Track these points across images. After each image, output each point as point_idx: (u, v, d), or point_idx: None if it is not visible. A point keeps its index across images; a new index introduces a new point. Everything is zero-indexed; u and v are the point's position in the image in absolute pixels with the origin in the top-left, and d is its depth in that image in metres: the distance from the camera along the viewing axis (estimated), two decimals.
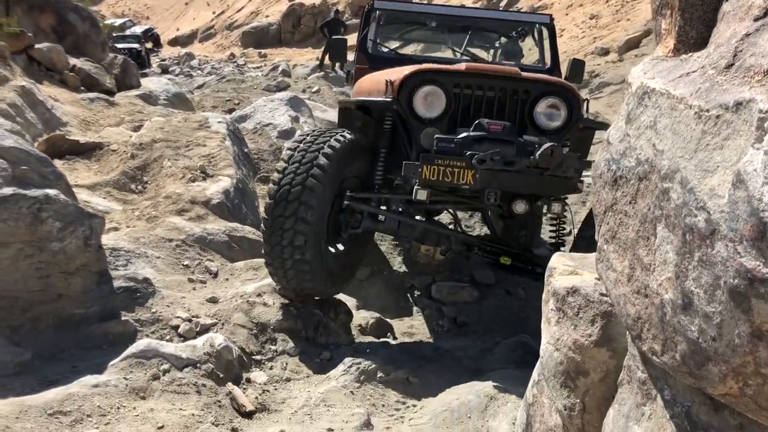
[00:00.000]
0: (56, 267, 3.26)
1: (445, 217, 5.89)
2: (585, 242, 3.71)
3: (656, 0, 1.31)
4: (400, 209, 3.98)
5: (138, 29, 32.45)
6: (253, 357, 3.47)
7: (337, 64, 16.57)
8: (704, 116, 0.96)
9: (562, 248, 4.04)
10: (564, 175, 3.45)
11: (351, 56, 8.12)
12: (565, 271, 1.62)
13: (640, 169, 1.12)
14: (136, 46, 24.30)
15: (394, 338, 4.32)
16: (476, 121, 3.60)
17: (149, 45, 30.37)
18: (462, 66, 3.87)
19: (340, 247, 3.98)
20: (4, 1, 10.74)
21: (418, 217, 4.12)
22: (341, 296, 4.32)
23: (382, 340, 4.16)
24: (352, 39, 11.37)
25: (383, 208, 3.90)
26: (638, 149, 1.13)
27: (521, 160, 3.42)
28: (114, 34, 24.09)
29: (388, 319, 4.48)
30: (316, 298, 3.95)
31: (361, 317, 4.34)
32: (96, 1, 41.90)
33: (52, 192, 3.29)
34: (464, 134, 3.55)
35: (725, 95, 0.93)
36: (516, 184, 3.49)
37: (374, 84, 4.12)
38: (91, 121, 8.23)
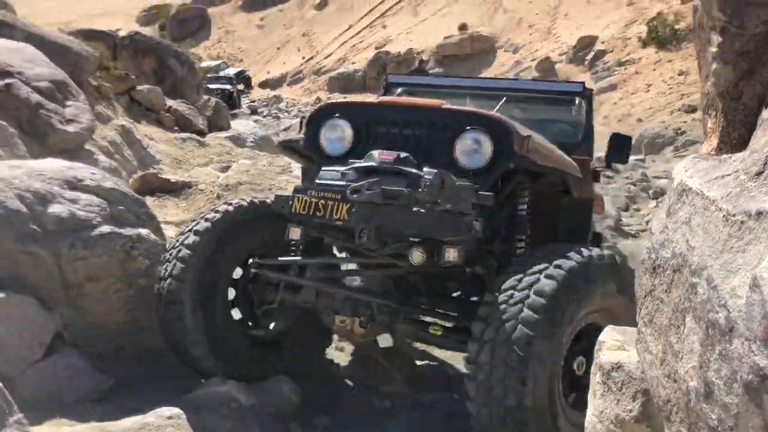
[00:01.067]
0: (142, 302, 3.52)
1: None
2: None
3: (704, 99, 1.39)
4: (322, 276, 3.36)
5: (231, 71, 34.11)
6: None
7: None
8: (731, 220, 1.04)
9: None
10: (458, 210, 2.87)
11: None
12: (613, 346, 1.68)
13: (675, 261, 1.20)
14: (228, 87, 25.59)
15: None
16: (367, 153, 3.14)
17: (241, 86, 31.83)
18: (375, 100, 3.63)
19: (259, 331, 3.59)
20: (113, 46, 11.64)
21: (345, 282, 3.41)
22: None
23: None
24: None
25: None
26: (674, 242, 1.21)
27: (405, 192, 2.87)
28: (208, 75, 25.45)
29: None
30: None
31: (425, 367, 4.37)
32: (195, 45, 44.42)
33: (144, 231, 3.58)
34: (354, 166, 3.10)
35: (750, 203, 1.01)
36: (397, 220, 2.88)
37: None
38: (182, 160, 8.74)
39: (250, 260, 3.53)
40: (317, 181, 3.12)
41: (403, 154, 3.04)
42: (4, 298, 2.93)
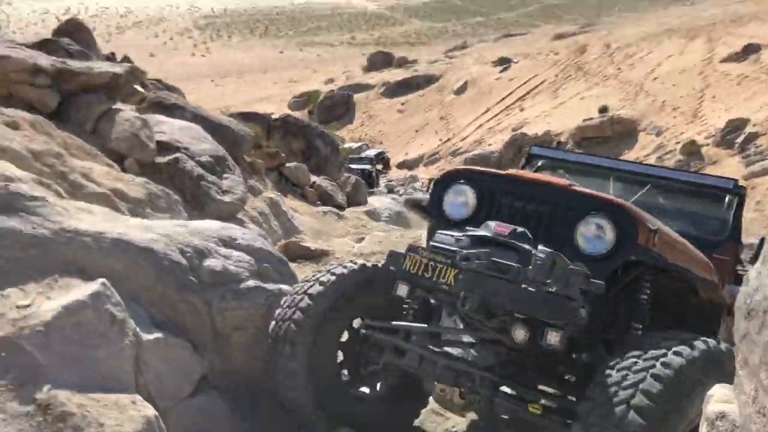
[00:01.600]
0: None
1: None
2: None
3: None
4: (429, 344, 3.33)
5: (371, 152, 35.78)
6: None
7: None
8: None
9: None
10: (565, 294, 2.77)
11: None
12: (720, 399, 1.69)
13: (766, 304, 1.25)
14: (368, 167, 26.89)
15: None
16: (485, 222, 3.14)
17: (379, 167, 33.23)
18: (500, 172, 3.56)
19: (365, 390, 3.64)
20: (267, 127, 12.74)
21: (450, 350, 3.32)
22: None
23: None
24: None
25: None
26: (766, 286, 1.27)
27: (515, 268, 2.85)
28: (350, 156, 26.89)
29: None
30: None
31: None
32: (339, 127, 47.11)
33: (285, 287, 3.91)
34: (468, 233, 3.09)
35: None
36: (502, 294, 2.84)
37: None
38: (322, 231, 9.30)
39: (361, 320, 3.61)
40: (431, 243, 3.21)
41: (519, 229, 3.04)
42: (164, 339, 3.31)
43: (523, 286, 2.84)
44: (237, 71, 78.88)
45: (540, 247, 2.97)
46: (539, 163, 4.90)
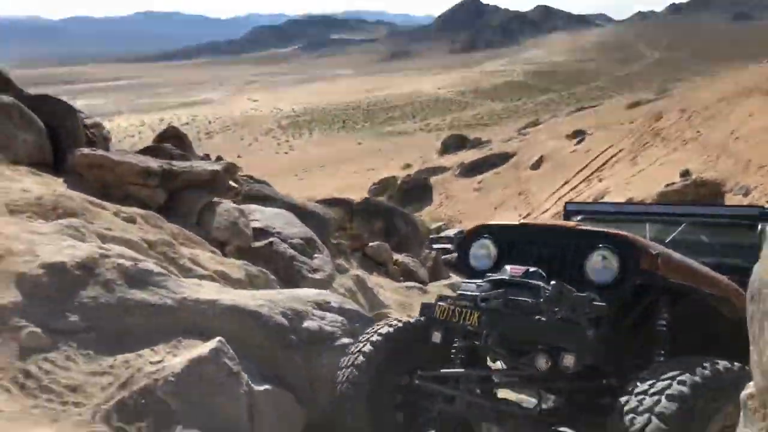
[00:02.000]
0: None
1: None
2: None
3: None
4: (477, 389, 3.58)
5: (451, 232, 36.15)
6: None
7: None
8: None
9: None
10: (572, 319, 3.12)
11: None
12: (751, 384, 1.92)
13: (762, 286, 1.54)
14: (448, 246, 27.21)
15: None
16: (503, 267, 3.50)
17: None
18: (516, 221, 3.94)
19: None
20: (350, 211, 13.45)
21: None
22: None
23: None
24: None
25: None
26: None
27: (528, 302, 3.23)
28: (431, 236, 27.38)
29: None
30: None
31: None
32: (419, 209, 47.95)
33: None
34: (488, 278, 3.47)
35: None
36: (519, 326, 3.23)
37: None
38: (406, 305, 9.66)
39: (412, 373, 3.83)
40: (458, 292, 3.62)
41: (532, 269, 3.41)
42: (272, 390, 3.75)
43: (536, 317, 3.20)
44: (318, 164, 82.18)
45: (552, 282, 3.30)
46: (578, 218, 5.19)
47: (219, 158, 14.05)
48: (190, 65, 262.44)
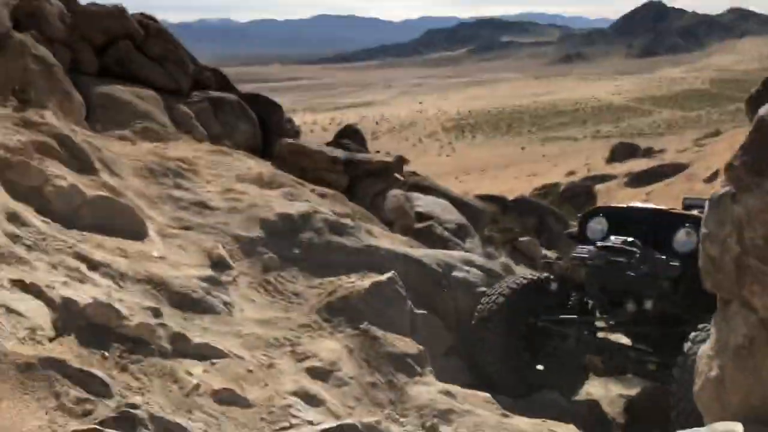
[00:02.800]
0: None
1: None
2: None
3: None
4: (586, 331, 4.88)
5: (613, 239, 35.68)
6: None
7: None
8: None
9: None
10: (653, 273, 4.36)
11: None
12: None
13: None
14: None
15: None
16: (609, 238, 4.77)
17: None
18: (623, 205, 5.26)
19: (540, 366, 5.14)
20: (503, 207, 14.64)
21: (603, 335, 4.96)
22: None
23: None
24: None
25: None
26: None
27: (622, 261, 4.43)
28: (565, 231, 27.56)
29: None
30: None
31: None
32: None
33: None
34: (596, 245, 4.73)
35: None
36: (614, 279, 4.48)
37: None
38: None
39: (536, 315, 5.18)
40: (572, 254, 4.90)
41: (629, 239, 4.66)
42: (427, 315, 5.18)
43: (627, 272, 4.44)
44: (479, 168, 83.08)
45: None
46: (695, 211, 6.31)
47: (388, 154, 15.78)
48: (363, 67, 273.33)
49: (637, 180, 56.75)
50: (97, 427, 2.38)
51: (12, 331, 2.89)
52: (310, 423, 3.31)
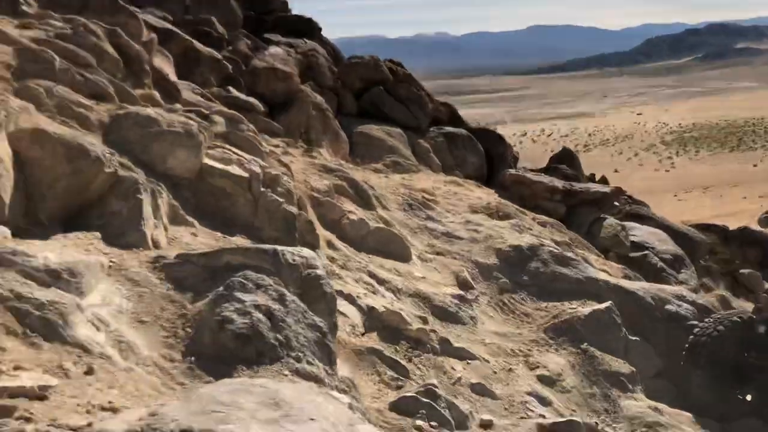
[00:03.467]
0: None
1: None
2: None
3: None
4: None
5: None
6: None
7: None
8: None
9: None
10: None
11: None
12: None
13: None
14: None
15: None
16: None
17: None
18: None
19: (749, 396, 5.47)
20: (724, 237, 14.38)
21: None
22: None
23: None
24: None
25: None
26: None
27: None
28: None
29: None
30: None
31: None
32: None
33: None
34: None
35: None
36: None
37: None
38: None
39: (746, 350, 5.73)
40: None
41: None
42: (639, 341, 5.95)
43: None
44: (702, 185, 77.49)
45: None
46: None
47: (604, 179, 16.18)
48: (578, 77, 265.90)
49: None
50: (415, 395, 3.65)
51: (342, 327, 4.30)
52: (542, 416, 4.36)
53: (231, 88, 8.52)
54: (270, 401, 2.06)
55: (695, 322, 6.15)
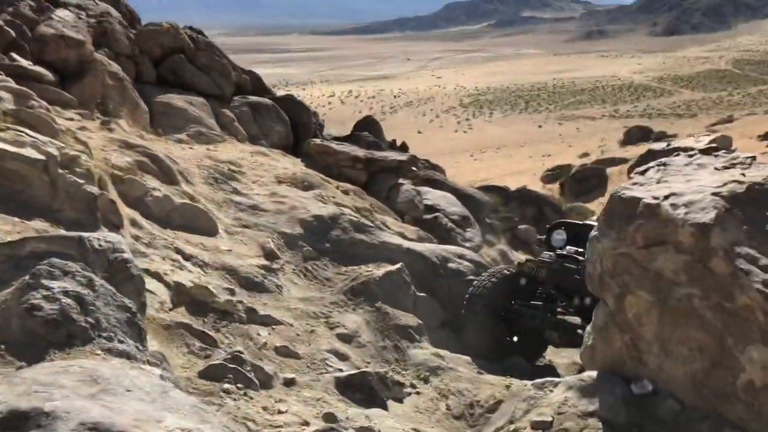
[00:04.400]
0: None
1: None
2: None
3: None
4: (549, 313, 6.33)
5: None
6: None
7: None
8: None
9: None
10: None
11: None
12: None
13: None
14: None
15: None
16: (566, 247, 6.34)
17: None
18: (580, 222, 6.73)
19: (515, 338, 6.58)
20: (506, 197, 16.15)
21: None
22: None
23: None
24: None
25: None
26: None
27: (573, 267, 6.15)
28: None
29: None
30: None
31: None
32: (589, 200, 48.61)
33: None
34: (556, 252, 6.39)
35: None
36: (565, 279, 6.17)
37: None
38: None
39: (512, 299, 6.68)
40: (538, 258, 6.48)
41: (581, 250, 5.93)
42: (426, 297, 6.76)
43: (575, 275, 5.93)
44: (495, 146, 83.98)
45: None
46: None
47: (404, 146, 17.25)
48: (380, 39, 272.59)
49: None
50: (222, 362, 4.00)
51: (150, 305, 4.51)
52: (340, 370, 4.92)
53: (15, 56, 8.01)
54: (88, 378, 2.33)
55: (473, 277, 7.07)
